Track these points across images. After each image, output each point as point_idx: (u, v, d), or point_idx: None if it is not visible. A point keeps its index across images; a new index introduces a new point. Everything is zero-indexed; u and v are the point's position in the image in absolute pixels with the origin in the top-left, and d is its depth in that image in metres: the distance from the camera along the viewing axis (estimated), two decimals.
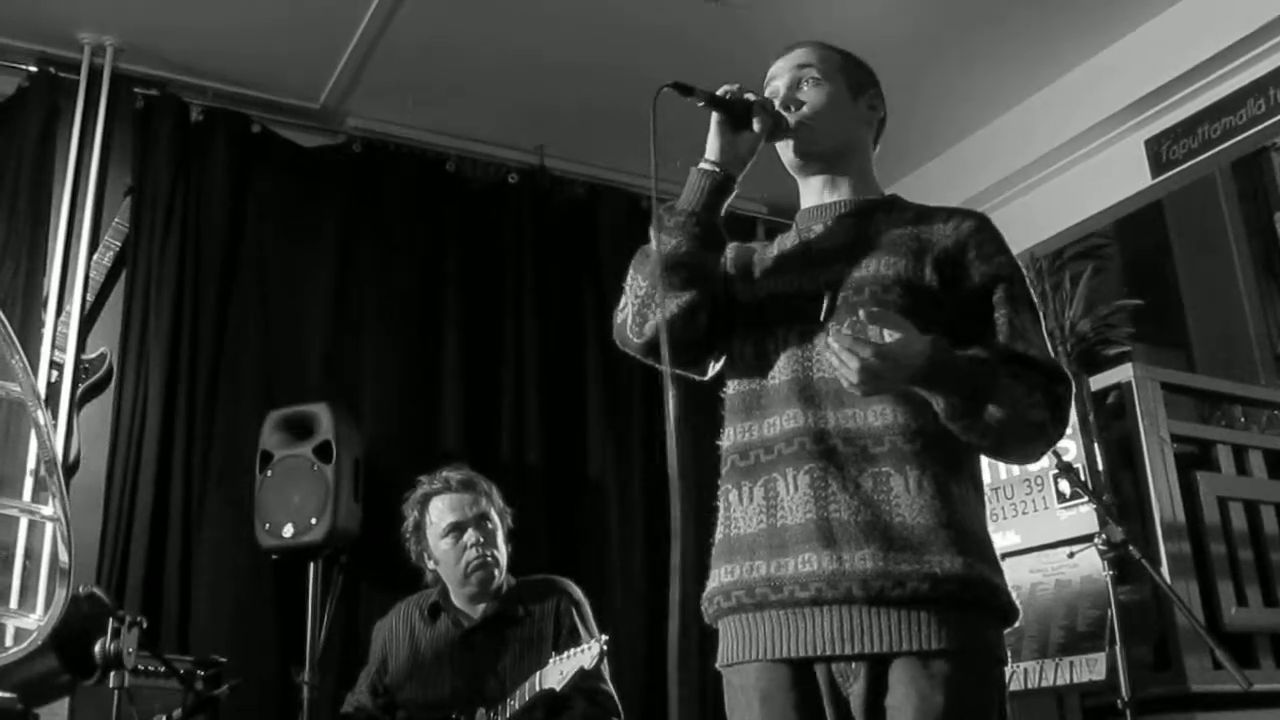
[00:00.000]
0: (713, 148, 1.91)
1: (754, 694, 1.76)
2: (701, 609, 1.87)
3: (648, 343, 1.87)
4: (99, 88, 4.26)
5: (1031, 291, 1.93)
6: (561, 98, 4.66)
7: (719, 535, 1.87)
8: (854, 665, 1.71)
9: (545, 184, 5.02)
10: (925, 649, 1.68)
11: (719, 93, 1.89)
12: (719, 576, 1.83)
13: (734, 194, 1.93)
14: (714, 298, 1.91)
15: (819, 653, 1.72)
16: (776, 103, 1.96)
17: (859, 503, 1.73)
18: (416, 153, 4.85)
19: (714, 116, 1.91)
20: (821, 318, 1.82)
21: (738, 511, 1.83)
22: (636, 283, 1.88)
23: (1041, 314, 1.93)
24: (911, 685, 1.68)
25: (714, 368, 2.00)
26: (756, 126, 1.90)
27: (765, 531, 1.77)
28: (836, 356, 1.67)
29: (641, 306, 1.86)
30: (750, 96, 1.90)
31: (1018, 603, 1.82)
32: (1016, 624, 1.83)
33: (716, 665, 1.86)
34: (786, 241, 2.01)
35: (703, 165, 1.91)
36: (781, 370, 1.84)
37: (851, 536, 1.71)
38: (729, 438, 1.90)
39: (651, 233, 1.86)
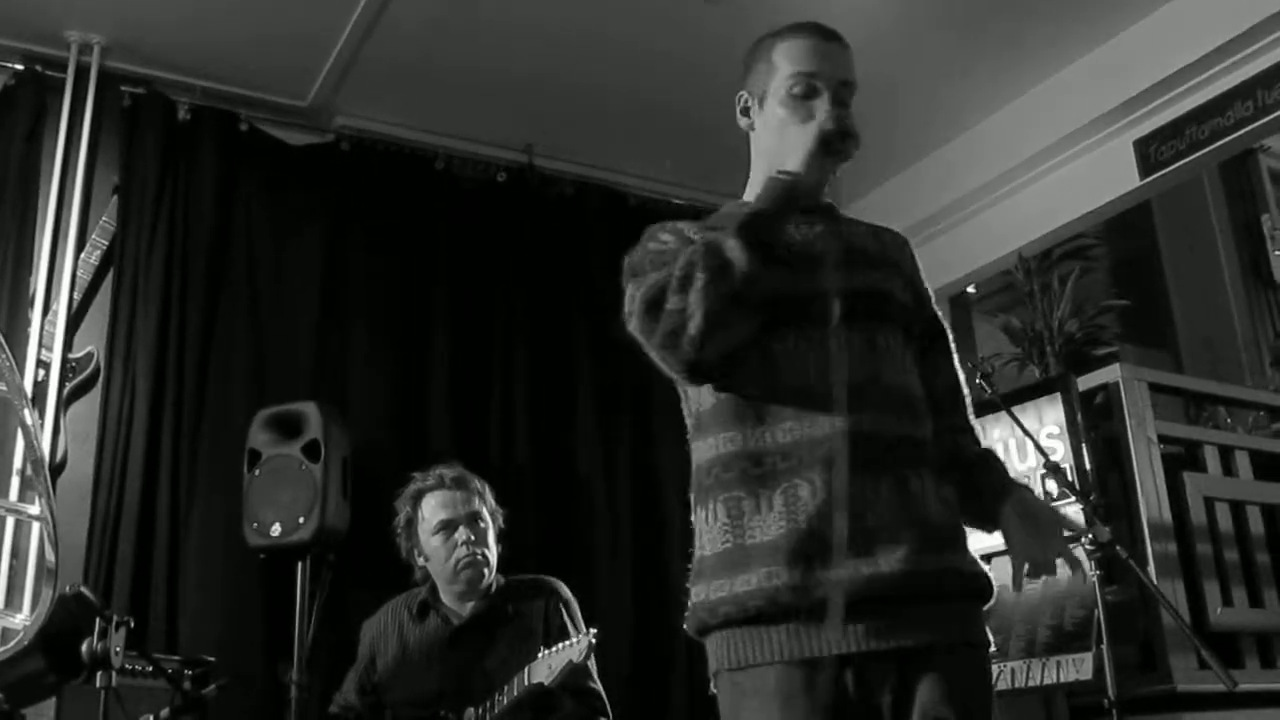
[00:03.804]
0: (808, 162, 1.84)
1: (772, 697, 1.72)
2: (697, 618, 1.82)
3: (701, 361, 1.77)
4: (86, 86, 4.25)
5: None
6: (550, 96, 4.66)
7: (726, 544, 1.79)
8: (883, 663, 1.71)
9: (534, 182, 5.02)
10: (954, 641, 1.75)
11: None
12: (730, 586, 1.76)
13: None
14: None
15: (849, 650, 1.70)
16: (832, 117, 1.86)
17: (883, 507, 1.74)
18: (405, 151, 4.84)
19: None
20: (831, 323, 1.81)
21: (753, 520, 1.77)
22: (708, 294, 1.72)
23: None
24: (941, 678, 1.72)
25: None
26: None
27: (787, 537, 1.73)
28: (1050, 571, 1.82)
29: (711, 327, 1.73)
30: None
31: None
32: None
33: (719, 667, 1.80)
34: None
35: (781, 173, 1.83)
36: (791, 374, 1.80)
37: (879, 539, 1.72)
38: (734, 443, 1.81)
39: (733, 249, 1.74)
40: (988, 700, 1.79)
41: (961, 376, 2.02)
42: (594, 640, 3.01)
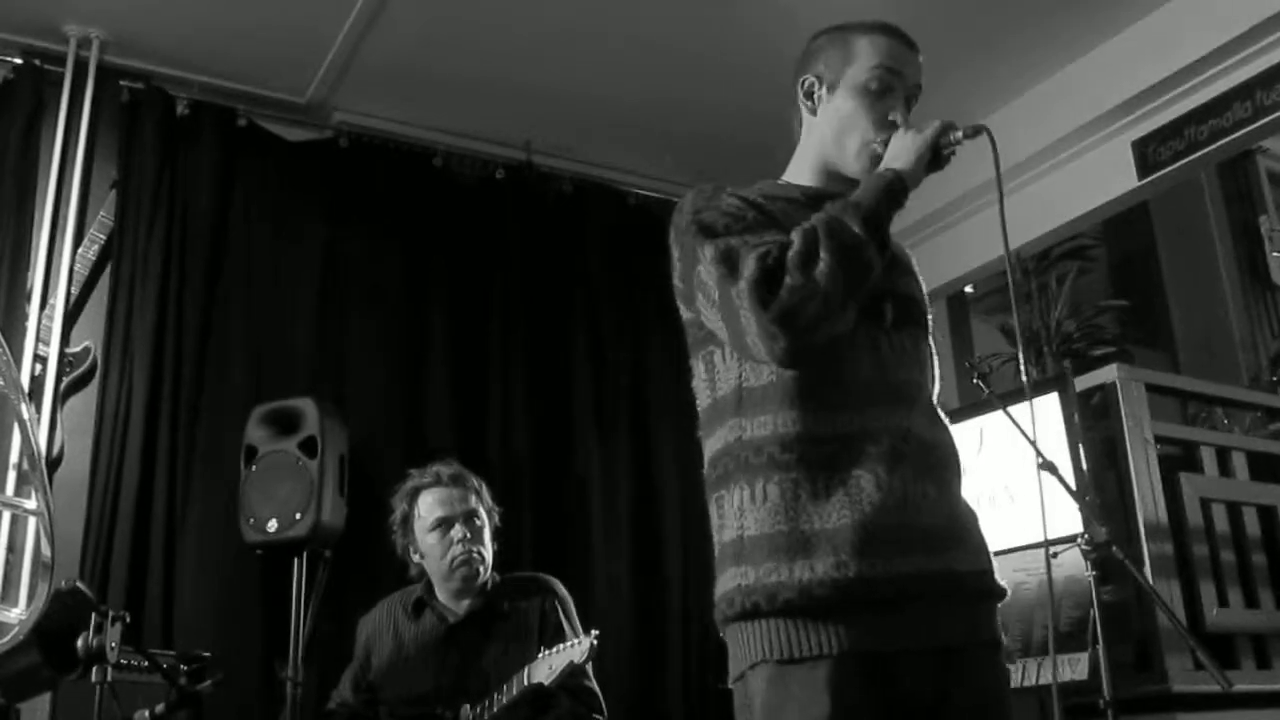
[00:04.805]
0: (915, 170, 1.89)
1: (824, 690, 1.68)
2: (748, 601, 1.73)
3: (810, 345, 1.71)
4: (84, 80, 4.25)
5: None
6: (549, 94, 4.66)
7: (779, 527, 1.73)
8: (932, 659, 1.72)
9: (532, 180, 5.02)
10: (989, 640, 1.81)
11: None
12: (790, 571, 1.71)
13: None
14: None
15: (911, 646, 1.71)
16: (943, 129, 1.97)
17: (935, 506, 1.78)
18: (403, 148, 4.84)
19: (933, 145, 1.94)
20: (885, 324, 1.84)
21: (811, 505, 1.73)
22: (835, 277, 1.67)
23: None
24: (980, 675, 1.78)
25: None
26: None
27: (854, 528, 1.71)
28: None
29: (830, 312, 1.70)
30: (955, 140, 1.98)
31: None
32: None
33: (764, 657, 1.72)
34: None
35: (889, 172, 1.84)
36: (854, 367, 1.79)
37: (939, 538, 1.76)
38: (795, 424, 1.76)
39: (862, 239, 1.71)
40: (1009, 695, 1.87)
41: None
42: (595, 643, 3.01)
